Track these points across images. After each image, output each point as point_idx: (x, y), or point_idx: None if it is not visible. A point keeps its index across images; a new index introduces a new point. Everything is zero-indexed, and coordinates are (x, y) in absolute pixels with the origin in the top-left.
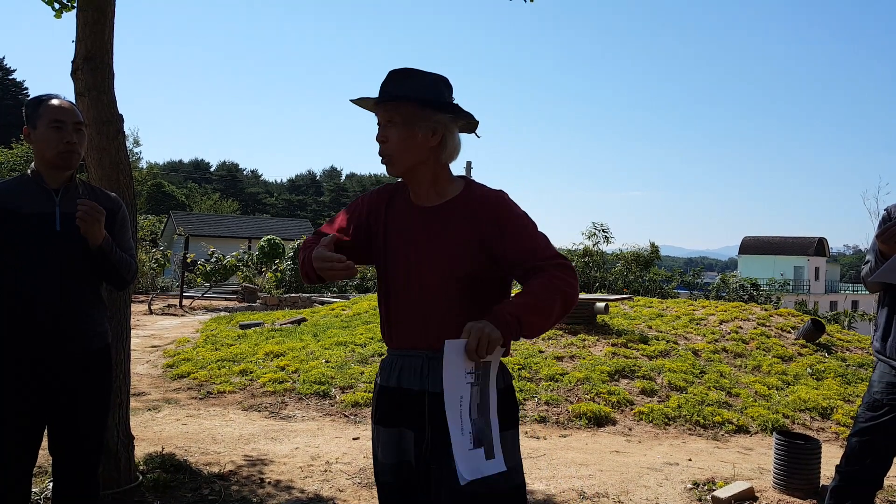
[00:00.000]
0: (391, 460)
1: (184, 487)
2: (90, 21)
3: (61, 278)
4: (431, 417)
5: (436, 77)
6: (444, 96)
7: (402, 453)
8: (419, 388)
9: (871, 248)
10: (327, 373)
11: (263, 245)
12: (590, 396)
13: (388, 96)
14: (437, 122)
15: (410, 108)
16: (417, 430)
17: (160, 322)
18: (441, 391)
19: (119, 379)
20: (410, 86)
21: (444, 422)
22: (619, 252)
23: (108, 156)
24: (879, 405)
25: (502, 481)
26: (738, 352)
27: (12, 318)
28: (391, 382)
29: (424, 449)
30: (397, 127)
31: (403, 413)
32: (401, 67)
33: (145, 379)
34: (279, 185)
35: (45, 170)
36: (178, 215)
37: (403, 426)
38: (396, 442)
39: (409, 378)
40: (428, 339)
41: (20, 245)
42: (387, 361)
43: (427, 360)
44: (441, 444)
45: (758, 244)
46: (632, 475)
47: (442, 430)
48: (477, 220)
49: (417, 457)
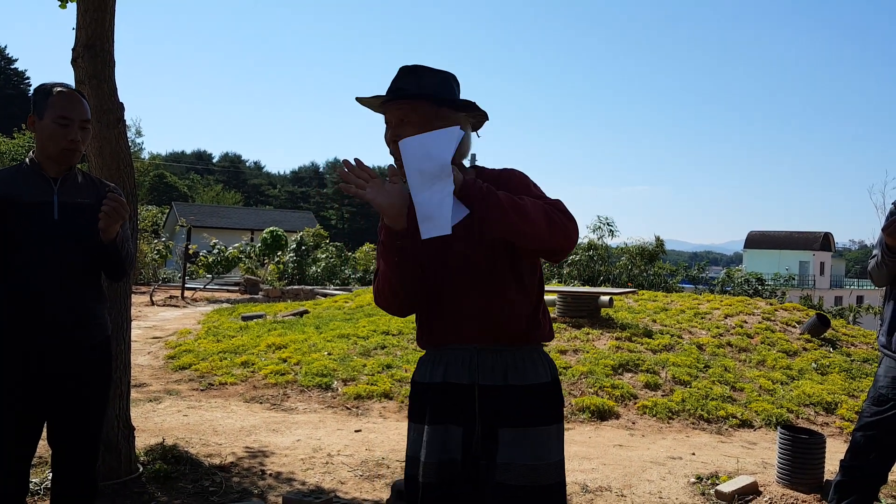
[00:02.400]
0: (435, 459)
1: (184, 479)
2: (91, 8)
3: (59, 268)
4: (482, 410)
5: (446, 74)
6: (457, 94)
7: (448, 451)
8: (468, 381)
9: (878, 243)
10: (329, 365)
11: (266, 237)
12: (593, 390)
13: (406, 94)
14: (454, 121)
15: (428, 108)
16: (466, 425)
17: (162, 313)
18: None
19: (119, 370)
20: (425, 84)
21: (494, 416)
22: (624, 246)
23: (109, 145)
24: (885, 400)
25: (552, 475)
26: (742, 346)
27: (11, 309)
28: (436, 378)
29: (475, 444)
30: (414, 126)
31: (451, 408)
32: (411, 65)
33: (146, 370)
34: (282, 176)
35: (44, 160)
36: (181, 206)
37: (450, 422)
38: (442, 440)
39: (457, 372)
40: (475, 330)
41: (18, 234)
42: (428, 359)
43: (476, 352)
44: (491, 439)
45: (763, 239)
46: (635, 469)
47: (492, 425)
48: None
49: (465, 453)
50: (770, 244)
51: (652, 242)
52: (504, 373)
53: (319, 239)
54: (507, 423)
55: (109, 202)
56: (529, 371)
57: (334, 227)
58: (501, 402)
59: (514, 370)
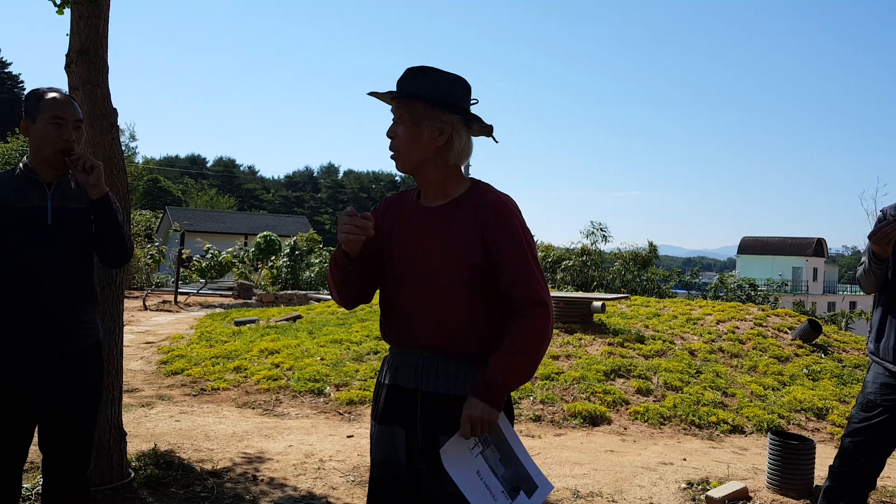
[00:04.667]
0: (382, 457)
1: (176, 484)
2: (84, 14)
3: (52, 273)
4: (423, 417)
5: (453, 77)
6: (457, 96)
7: (394, 451)
8: (413, 386)
9: (866, 250)
10: (322, 370)
11: (260, 241)
12: (585, 395)
13: (399, 93)
14: (444, 122)
15: (419, 107)
16: (409, 429)
17: (155, 318)
18: (433, 391)
19: (111, 375)
20: (423, 84)
21: (434, 423)
22: (618, 251)
23: (102, 150)
24: (873, 406)
25: None
26: (734, 352)
27: (3, 313)
28: (388, 380)
29: (415, 448)
30: (406, 124)
31: (397, 411)
32: (419, 65)
33: (139, 375)
34: (276, 181)
35: (38, 164)
36: (174, 211)
37: (396, 424)
38: (389, 439)
39: (405, 376)
40: (426, 337)
41: (11, 239)
42: (387, 359)
43: (423, 359)
44: (431, 446)
45: (756, 244)
46: (626, 474)
47: (432, 432)
48: (479, 221)
49: (408, 456)
50: (763, 250)
51: (645, 248)
52: (447, 382)
53: (313, 244)
54: (447, 432)
55: (72, 157)
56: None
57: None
58: (442, 410)
59: (457, 381)
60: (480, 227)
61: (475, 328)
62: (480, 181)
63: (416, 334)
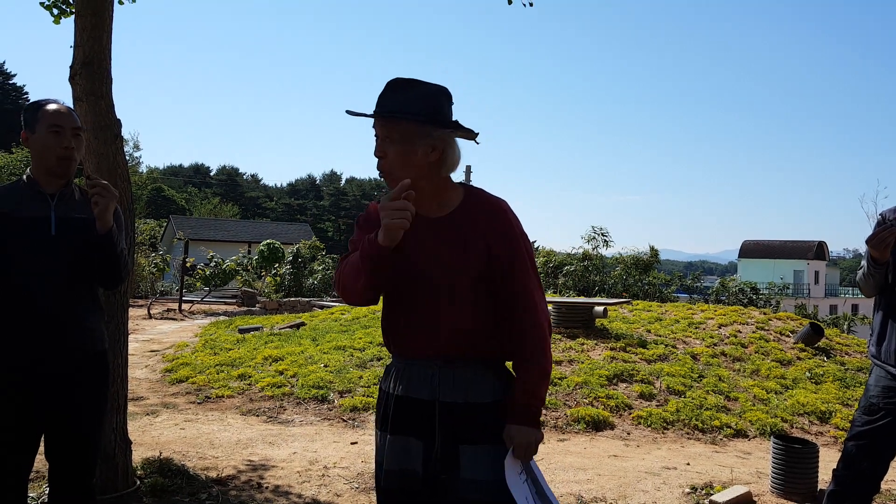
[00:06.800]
0: (397, 467)
1: (181, 492)
2: (88, 26)
3: (56, 283)
4: (442, 427)
5: (435, 89)
6: (444, 109)
7: (409, 461)
8: (429, 397)
9: (865, 254)
10: (326, 377)
11: (263, 249)
12: (588, 401)
13: (386, 112)
14: (437, 138)
15: (409, 125)
16: (426, 440)
17: (159, 326)
18: (451, 401)
19: (117, 383)
20: (409, 99)
21: (456, 432)
22: (619, 256)
23: (106, 161)
24: (876, 409)
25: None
26: (736, 356)
27: (8, 323)
28: (398, 391)
29: (434, 458)
30: (395, 144)
31: (412, 422)
32: (398, 78)
33: (144, 383)
34: (279, 189)
35: (41, 175)
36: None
37: (411, 435)
38: (404, 450)
39: (418, 387)
40: (440, 346)
41: (15, 249)
42: (392, 368)
43: (438, 369)
44: (451, 455)
45: (758, 248)
46: (630, 479)
47: (454, 441)
48: (482, 229)
49: (425, 466)
50: (764, 253)
51: (647, 252)
52: (465, 390)
53: (316, 251)
54: (468, 440)
55: (97, 188)
56: (490, 389)
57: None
58: (462, 418)
59: (476, 388)
60: (486, 237)
61: (487, 333)
62: (473, 187)
63: (429, 344)
